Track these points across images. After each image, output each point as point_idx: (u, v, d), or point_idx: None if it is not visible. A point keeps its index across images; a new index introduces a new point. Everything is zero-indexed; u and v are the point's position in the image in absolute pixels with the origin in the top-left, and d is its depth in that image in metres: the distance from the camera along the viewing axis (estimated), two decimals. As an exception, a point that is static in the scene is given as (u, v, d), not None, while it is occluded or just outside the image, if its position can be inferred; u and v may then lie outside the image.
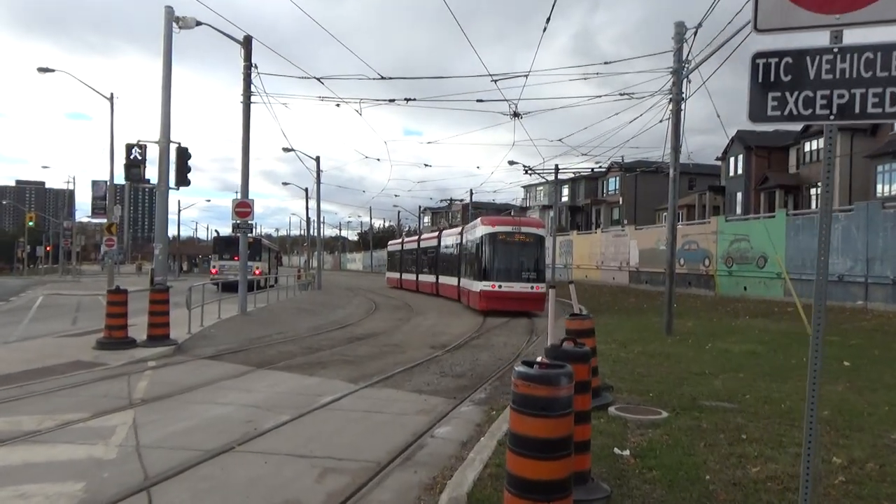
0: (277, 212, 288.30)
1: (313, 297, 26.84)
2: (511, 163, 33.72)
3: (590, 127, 69.28)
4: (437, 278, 31.76)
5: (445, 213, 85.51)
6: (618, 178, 54.64)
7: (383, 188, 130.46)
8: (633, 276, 35.33)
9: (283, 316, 18.35)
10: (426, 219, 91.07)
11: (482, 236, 23.54)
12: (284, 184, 57.24)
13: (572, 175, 41.77)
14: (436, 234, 33.85)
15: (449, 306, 23.72)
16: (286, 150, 32.19)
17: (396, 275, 41.12)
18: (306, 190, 44.97)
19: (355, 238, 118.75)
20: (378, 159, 73.71)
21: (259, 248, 32.33)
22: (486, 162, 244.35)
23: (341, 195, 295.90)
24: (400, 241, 43.14)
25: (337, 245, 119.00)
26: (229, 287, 21.51)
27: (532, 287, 22.43)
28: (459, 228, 30.13)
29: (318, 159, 36.49)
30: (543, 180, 39.02)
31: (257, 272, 30.80)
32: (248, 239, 18.26)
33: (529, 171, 31.07)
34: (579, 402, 4.65)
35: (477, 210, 56.60)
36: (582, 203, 59.23)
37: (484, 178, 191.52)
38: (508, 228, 23.25)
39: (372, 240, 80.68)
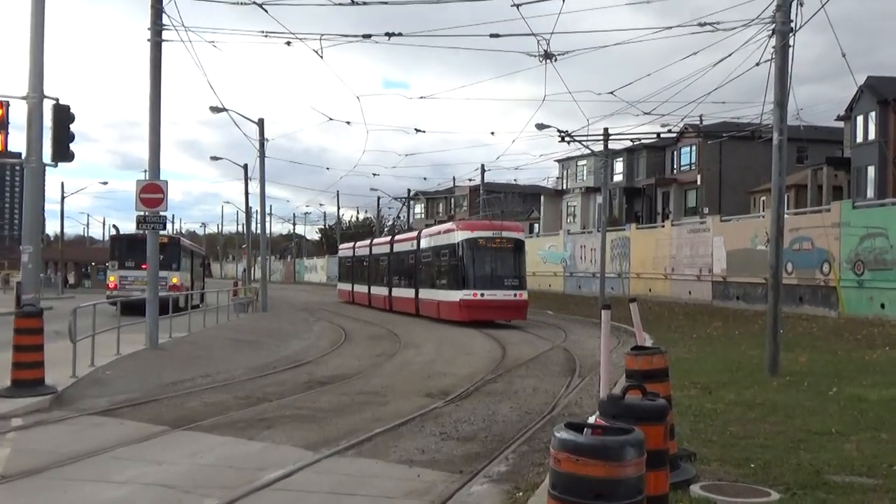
0: (204, 199, 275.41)
1: (257, 323, 26.96)
2: (540, 126, 33.03)
3: (653, 74, 67.20)
4: (391, 290, 38.15)
5: (446, 200, 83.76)
6: (694, 148, 53.17)
7: (356, 164, 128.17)
8: (717, 288, 34.76)
9: (213, 350, 18.34)
10: (418, 208, 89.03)
11: (461, 242, 29.26)
12: (214, 158, 57.00)
13: (629, 143, 40.05)
14: (388, 239, 40.34)
15: (451, 335, 24.19)
16: (215, 109, 32.10)
17: (348, 286, 48.12)
18: (245, 168, 44.64)
19: (316, 236, 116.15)
20: (348, 122, 67.64)
21: (177, 252, 32.58)
22: (503, 126, 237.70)
23: (296, 174, 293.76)
24: (352, 245, 50.04)
25: (290, 247, 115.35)
26: (134, 308, 21.05)
27: (515, 294, 28.72)
28: (415, 233, 36.84)
29: (261, 123, 36.52)
30: (588, 151, 37.61)
31: (175, 286, 31.30)
32: (161, 238, 18.41)
33: (567, 139, 30.76)
34: (653, 482, 4.53)
35: (492, 194, 56.33)
36: (643, 184, 57.69)
37: (501, 148, 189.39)
38: (489, 233, 29.25)
39: (340, 238, 77.81)
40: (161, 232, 18.74)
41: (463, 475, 7.91)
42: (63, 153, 13.75)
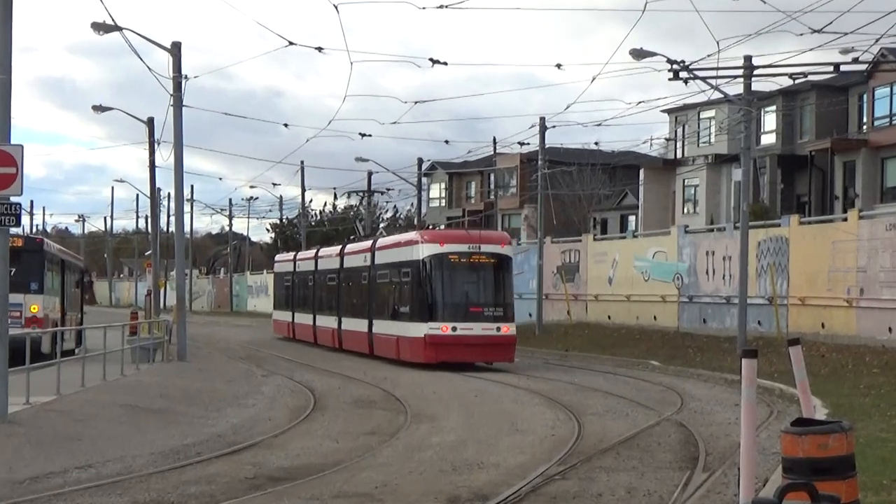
0: (82, 175, 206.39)
1: (169, 379, 24.21)
2: (638, 54, 28.16)
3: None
4: (340, 321, 36.24)
5: (481, 176, 69.63)
6: None
7: (331, 119, 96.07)
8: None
9: (98, 425, 16.41)
10: (435, 189, 74.02)
11: (426, 259, 28.48)
12: (99, 110, 41.19)
13: (788, 80, 33.10)
14: (337, 250, 38.45)
15: (487, 401, 21.58)
16: (101, 28, 27.41)
17: (287, 315, 45.25)
18: (150, 125, 37.42)
19: (268, 237, 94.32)
20: (318, 49, 50.02)
21: (39, 264, 28.18)
22: (575, 54, 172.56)
23: (234, 136, 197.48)
24: (292, 257, 46.73)
25: (225, 255, 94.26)
26: None
27: (497, 329, 28.21)
28: (369, 243, 34.60)
29: (176, 50, 30.48)
30: (717, 95, 31.81)
31: (35, 319, 26.93)
32: (13, 241, 17.84)
33: (683, 74, 27.07)
34: None
35: (557, 166, 49.47)
36: (809, 149, 45.88)
37: (571, 92, 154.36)
38: (463, 247, 28.52)
39: (305, 240, 67.36)
40: (12, 230, 16.40)
41: None
42: None
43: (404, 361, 29.33)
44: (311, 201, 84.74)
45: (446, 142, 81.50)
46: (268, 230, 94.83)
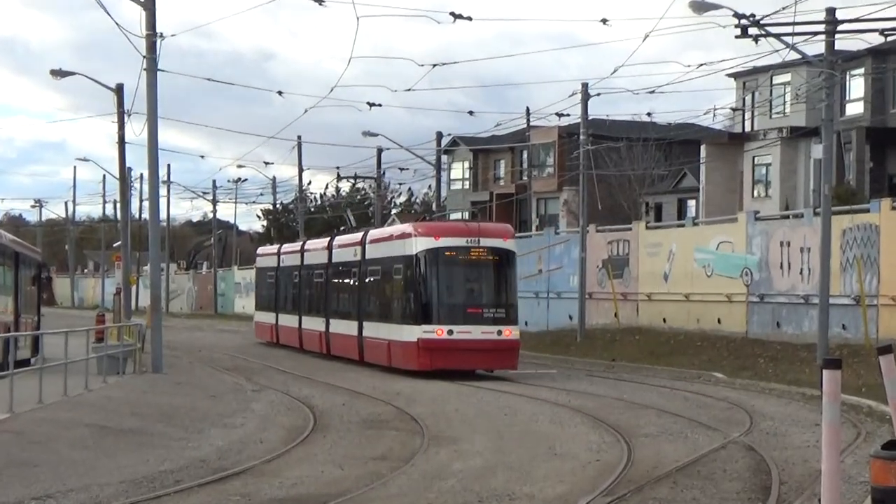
0: (38, 153, 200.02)
1: (142, 395, 24.72)
2: (699, 6, 28.17)
3: None
4: (328, 323, 36.82)
5: (512, 153, 67.51)
6: None
7: (334, 86, 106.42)
8: None
9: (59, 448, 16.76)
10: (457, 169, 70.85)
11: (419, 255, 29.50)
12: (58, 75, 40.42)
13: (879, 37, 32.90)
14: (325, 243, 39.35)
15: (520, 420, 21.81)
16: None
17: (270, 317, 45.34)
18: (120, 93, 36.99)
19: (259, 226, 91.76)
20: (318, 1, 50.53)
21: None
22: (623, 8, 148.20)
23: (218, 106, 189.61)
24: (275, 250, 46.72)
25: (208, 247, 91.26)
26: None
27: (498, 332, 29.06)
28: (360, 235, 35.03)
29: (149, 3, 29.28)
30: (794, 56, 31.39)
31: None
32: None
33: (755, 31, 26.69)
34: None
35: (602, 141, 48.39)
36: None
37: (619, 53, 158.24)
38: (460, 241, 29.48)
39: (304, 228, 65.81)
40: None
41: None
42: None
43: (398, 369, 29.88)
44: (309, 183, 79.50)
45: (470, 113, 79.74)
46: (259, 217, 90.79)
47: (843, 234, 33.89)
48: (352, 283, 34.94)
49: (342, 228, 42.78)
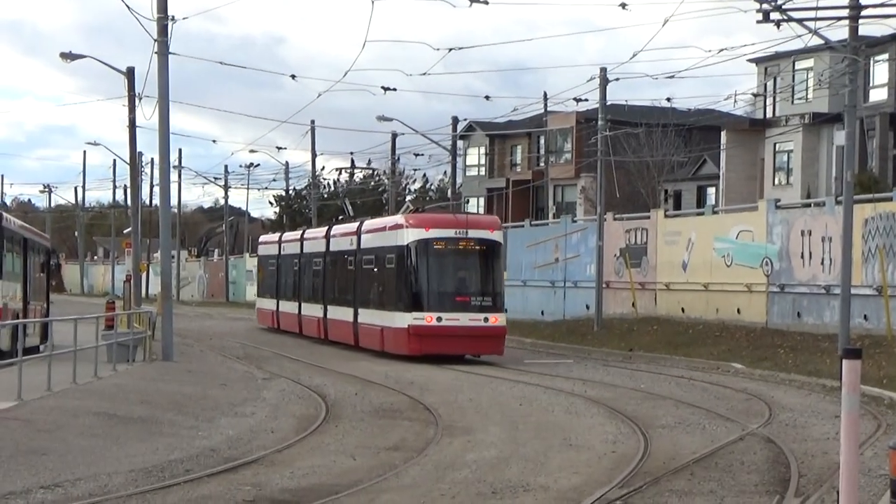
0: (47, 137, 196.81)
1: (152, 383, 24.71)
2: None
3: None
4: (326, 310, 38.27)
5: (529, 138, 67.05)
6: None
7: (347, 70, 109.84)
8: None
9: (67, 436, 16.77)
10: (473, 155, 69.95)
11: (410, 245, 31.16)
12: (67, 58, 40.62)
13: None
14: (323, 231, 40.50)
15: (535, 411, 21.80)
16: None
17: (271, 304, 47.09)
18: (131, 76, 36.19)
19: (272, 212, 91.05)
20: None
21: None
22: None
23: (230, 90, 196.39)
24: (276, 238, 48.18)
25: (220, 234, 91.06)
26: None
27: (485, 319, 30.76)
28: (356, 225, 36.68)
29: None
30: (817, 42, 31.71)
31: None
32: None
33: (777, 16, 26.80)
34: None
35: (620, 127, 48.14)
36: None
37: (638, 38, 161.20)
38: (449, 232, 31.00)
39: (317, 215, 65.13)
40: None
41: None
42: None
43: (387, 353, 31.81)
44: (322, 168, 77.92)
45: (486, 97, 79.87)
46: (271, 203, 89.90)
47: (866, 223, 33.79)
48: (348, 271, 36.54)
49: (340, 218, 43.51)
